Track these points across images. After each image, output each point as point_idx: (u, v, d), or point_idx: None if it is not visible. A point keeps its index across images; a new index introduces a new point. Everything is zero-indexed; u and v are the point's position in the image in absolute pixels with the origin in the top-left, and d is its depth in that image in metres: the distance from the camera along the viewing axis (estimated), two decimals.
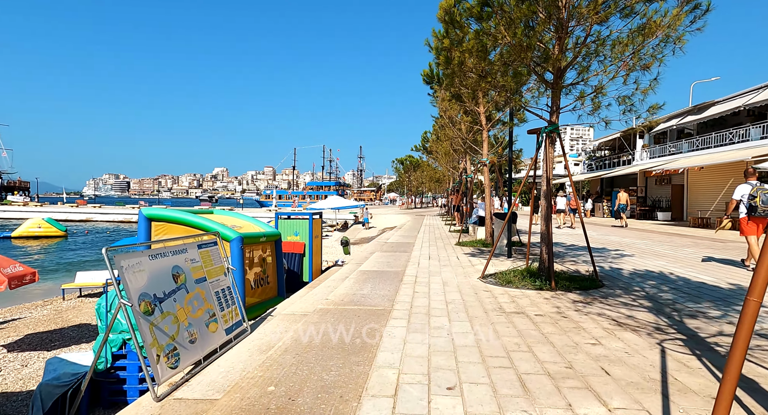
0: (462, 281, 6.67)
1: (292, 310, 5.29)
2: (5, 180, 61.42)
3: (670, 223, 21.58)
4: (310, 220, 11.67)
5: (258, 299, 8.58)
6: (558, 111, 6.32)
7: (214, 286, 5.56)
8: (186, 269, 5.11)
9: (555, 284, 5.89)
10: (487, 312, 4.68)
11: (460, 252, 10.59)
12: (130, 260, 4.11)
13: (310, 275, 11.62)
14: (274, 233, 9.14)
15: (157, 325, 4.18)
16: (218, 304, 5.51)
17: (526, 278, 6.45)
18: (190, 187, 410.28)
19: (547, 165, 6.32)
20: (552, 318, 4.40)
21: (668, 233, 15.72)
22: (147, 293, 4.20)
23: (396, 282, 6.59)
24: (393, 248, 11.74)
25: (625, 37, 5.17)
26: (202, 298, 5.26)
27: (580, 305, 4.97)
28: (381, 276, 7.16)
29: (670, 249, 10.50)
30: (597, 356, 3.29)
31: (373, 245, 13.78)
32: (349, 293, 5.88)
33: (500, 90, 6.28)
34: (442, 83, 13.36)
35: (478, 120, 11.84)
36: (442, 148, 24.62)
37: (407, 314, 4.65)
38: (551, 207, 6.52)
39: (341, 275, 7.82)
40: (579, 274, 7.02)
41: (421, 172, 54.17)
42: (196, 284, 5.23)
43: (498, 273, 7.09)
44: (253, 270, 8.60)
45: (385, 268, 8.11)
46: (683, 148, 23.24)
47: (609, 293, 5.61)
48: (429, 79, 16.79)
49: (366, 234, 26.29)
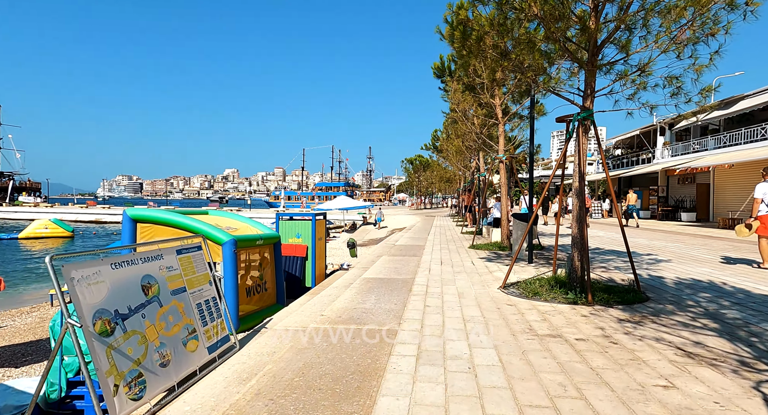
0: (480, 291, 5.80)
1: (286, 323, 4.51)
2: (17, 181, 61.98)
3: (696, 224, 20.37)
4: (313, 221, 10.88)
5: (255, 307, 7.81)
6: (593, 94, 5.42)
7: (195, 297, 4.77)
8: (160, 279, 4.32)
9: (592, 296, 4.98)
10: (515, 335, 3.81)
11: (474, 256, 9.70)
12: (83, 270, 3.33)
13: (313, 280, 10.83)
14: (272, 236, 8.37)
15: (117, 348, 3.40)
16: (200, 318, 4.73)
17: (555, 289, 5.55)
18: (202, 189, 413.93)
19: (581, 158, 5.43)
20: (598, 344, 3.52)
21: (698, 234, 14.61)
22: (106, 310, 3.42)
23: (404, 293, 5.74)
24: (402, 252, 10.89)
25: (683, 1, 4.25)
26: (180, 312, 4.48)
27: (629, 325, 4.07)
28: (388, 285, 6.33)
29: (708, 253, 9.47)
30: (677, 408, 2.41)
31: (381, 248, 12.95)
32: (350, 306, 5.04)
33: (525, 71, 5.40)
34: (454, 75, 12.49)
35: (494, 113, 10.94)
36: (453, 147, 23.72)
37: (417, 336, 3.80)
38: (585, 207, 5.62)
39: (345, 282, 7.02)
40: (615, 283, 6.10)
41: (431, 172, 53.21)
42: (172, 295, 4.44)
43: (521, 282, 6.20)
44: (248, 276, 7.84)
45: (393, 275, 7.26)
46: (709, 145, 21.98)
47: (659, 308, 4.69)
48: (440, 73, 15.93)
49: (374, 235, 25.49)
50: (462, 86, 10.78)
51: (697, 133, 25.13)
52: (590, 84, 5.38)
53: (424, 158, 58.40)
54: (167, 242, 4.72)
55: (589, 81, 5.37)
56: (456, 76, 11.30)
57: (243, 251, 7.62)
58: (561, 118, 5.80)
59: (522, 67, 5.43)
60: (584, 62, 5.31)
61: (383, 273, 7.48)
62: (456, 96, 10.92)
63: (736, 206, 19.71)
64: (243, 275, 7.63)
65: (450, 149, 25.67)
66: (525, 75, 5.34)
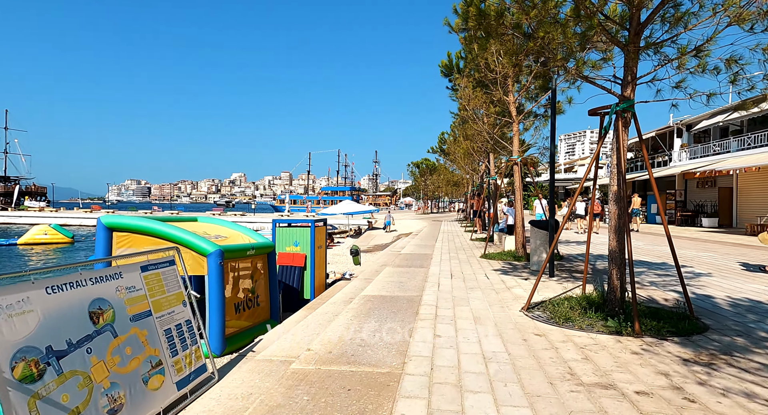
0: (499, 314, 4.91)
1: (273, 351, 3.75)
2: (23, 185, 62.04)
3: (719, 230, 19.25)
4: (312, 228, 10.02)
5: (247, 323, 7.00)
6: (634, 81, 4.54)
7: (164, 321, 3.97)
8: (116, 303, 3.53)
9: (639, 325, 4.07)
10: (553, 383, 2.93)
11: (488, 267, 8.80)
12: (2, 298, 2.57)
13: (312, 292, 9.98)
14: (265, 245, 7.54)
15: (47, 396, 2.60)
16: (169, 347, 3.91)
17: (590, 313, 4.65)
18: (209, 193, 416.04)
19: (621, 155, 4.54)
20: (669, 402, 2.62)
21: (726, 242, 13.56)
22: (33, 347, 2.62)
23: (410, 316, 4.86)
24: (407, 261, 10.02)
25: None
26: (142, 341, 3.66)
27: (698, 369, 3.16)
28: (391, 305, 5.46)
29: (750, 265, 8.49)
30: None
31: (385, 256, 12.09)
32: (344, 336, 4.18)
33: (553, 54, 4.53)
34: (464, 71, 11.63)
35: (507, 110, 10.06)
36: (461, 149, 22.85)
37: (425, 385, 2.93)
38: (626, 213, 4.73)
39: (344, 296, 6.19)
40: (658, 305, 5.18)
41: (437, 175, 52.33)
42: (133, 322, 3.64)
43: (547, 303, 5.30)
44: (238, 290, 7.01)
45: (397, 291, 6.39)
46: (731, 146, 20.88)
47: (726, 343, 3.77)
48: (447, 71, 15.07)
49: (380, 241, 24.62)
50: (473, 82, 9.93)
51: (717, 135, 24.02)
52: (631, 69, 4.50)
53: (430, 162, 57.54)
54: (136, 257, 3.91)
55: (630, 66, 4.49)
56: (466, 72, 10.45)
57: (232, 262, 6.82)
58: (594, 111, 4.91)
59: (549, 49, 4.56)
60: (624, 44, 4.44)
61: (386, 289, 6.62)
62: (466, 93, 10.07)
63: (760, 211, 18.59)
64: (232, 288, 6.82)
65: (458, 152, 24.80)
66: (554, 59, 4.47)
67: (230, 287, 6.74)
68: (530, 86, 10.06)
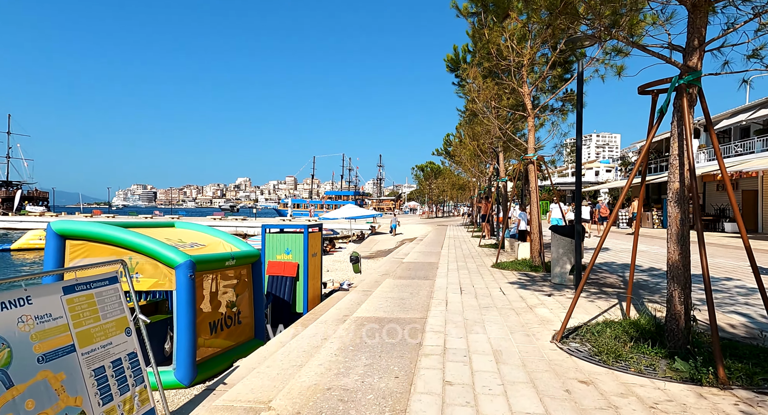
0: (526, 347, 3.84)
1: (236, 394, 3.00)
2: (25, 190, 61.63)
3: (733, 235, 18.02)
4: (305, 234, 9.00)
5: (229, 343, 6.09)
6: (702, 47, 3.49)
7: (94, 358, 3.01)
8: (17, 339, 2.59)
9: (724, 370, 2.99)
10: None
11: (501, 279, 7.72)
12: None
13: (305, 305, 8.93)
14: (248, 254, 6.54)
15: None
16: (99, 391, 2.99)
17: (644, 348, 3.57)
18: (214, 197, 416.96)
19: (687, 145, 3.49)
20: None
21: (760, 249, 12.36)
22: None
23: (411, 350, 3.81)
24: (411, 271, 8.96)
25: None
26: (55, 388, 2.71)
27: None
28: (388, 332, 4.40)
29: None
30: None
31: (388, 264, 11.04)
32: (322, 383, 3.12)
33: (600, 11, 3.49)
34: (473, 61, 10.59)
35: (521, 103, 9.02)
36: (467, 151, 21.82)
37: None
38: (688, 219, 3.67)
39: (336, 315, 5.19)
40: (724, 332, 4.09)
41: (442, 179, 51.27)
42: (42, 363, 2.64)
43: (584, 329, 4.23)
44: (214, 306, 6.01)
45: (397, 311, 5.33)
46: (756, 147, 19.67)
47: None
48: (454, 65, 14.03)
49: (383, 247, 23.57)
50: (484, 72, 8.91)
51: (737, 135, 22.80)
52: (699, 31, 3.45)
53: (435, 165, 56.49)
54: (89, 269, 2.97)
55: (698, 26, 3.44)
56: (475, 62, 9.42)
57: (208, 274, 5.82)
58: (646, 87, 3.85)
59: (593, 8, 3.52)
60: None
61: (385, 307, 5.56)
62: (476, 83, 9.04)
63: None
64: (207, 305, 5.82)
65: (464, 154, 23.77)
66: (599, 17, 3.44)
67: (206, 302, 5.74)
68: (547, 77, 9.02)
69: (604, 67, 8.10)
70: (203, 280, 5.66)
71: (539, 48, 8.55)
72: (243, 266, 6.48)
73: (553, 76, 9.08)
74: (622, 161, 46.92)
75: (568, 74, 9.36)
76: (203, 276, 5.60)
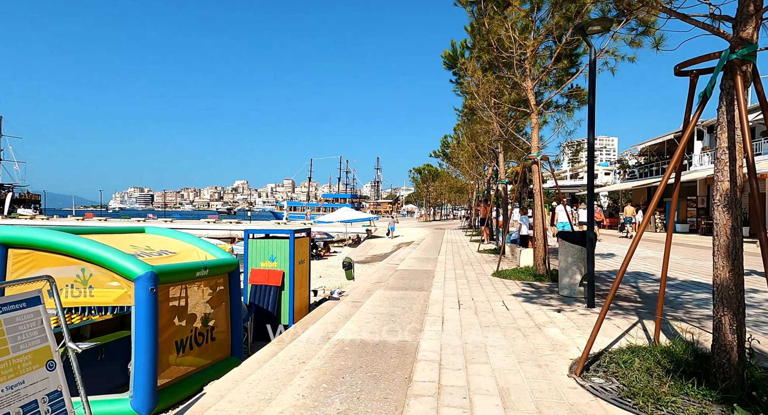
0: (539, 385, 3.12)
1: None
2: (16, 193, 60.60)
3: (751, 240, 17.37)
4: (291, 240, 8.28)
5: (201, 362, 5.39)
6: (759, 14, 2.81)
7: (3, 403, 2.16)
8: None
9: None
10: None
11: (504, 291, 7.01)
12: None
13: (291, 317, 8.21)
14: (223, 263, 5.83)
15: None
16: None
17: (687, 387, 2.87)
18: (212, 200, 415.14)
19: (744, 132, 2.80)
20: None
21: None
22: None
23: (398, 386, 3.09)
24: (405, 281, 8.25)
25: None
26: None
27: None
28: (372, 360, 3.68)
29: None
30: None
31: (381, 271, 10.34)
32: None
33: None
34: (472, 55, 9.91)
35: (524, 99, 8.34)
36: (465, 152, 21.18)
37: None
38: (740, 227, 2.98)
39: (318, 334, 4.50)
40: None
41: (440, 182, 50.64)
42: None
43: (607, 358, 3.52)
44: (182, 322, 5.29)
45: (385, 332, 4.60)
46: (763, 148, 19.09)
47: None
48: (451, 61, 13.35)
49: (379, 251, 22.85)
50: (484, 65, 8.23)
51: None
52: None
53: (432, 167, 55.86)
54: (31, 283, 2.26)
55: None
56: (475, 54, 8.75)
57: (173, 286, 5.10)
58: (683, 66, 3.16)
59: None
60: None
61: (372, 326, 4.84)
62: (476, 76, 8.36)
63: None
64: (174, 321, 5.10)
65: (462, 155, 23.14)
66: None
67: (172, 318, 5.02)
68: (551, 70, 8.35)
69: (614, 59, 7.47)
70: (169, 293, 4.95)
71: (543, 40, 7.91)
72: (219, 276, 5.78)
73: (558, 70, 8.41)
74: (620, 164, 46.40)
75: (574, 68, 8.71)
76: (169, 288, 4.90)
